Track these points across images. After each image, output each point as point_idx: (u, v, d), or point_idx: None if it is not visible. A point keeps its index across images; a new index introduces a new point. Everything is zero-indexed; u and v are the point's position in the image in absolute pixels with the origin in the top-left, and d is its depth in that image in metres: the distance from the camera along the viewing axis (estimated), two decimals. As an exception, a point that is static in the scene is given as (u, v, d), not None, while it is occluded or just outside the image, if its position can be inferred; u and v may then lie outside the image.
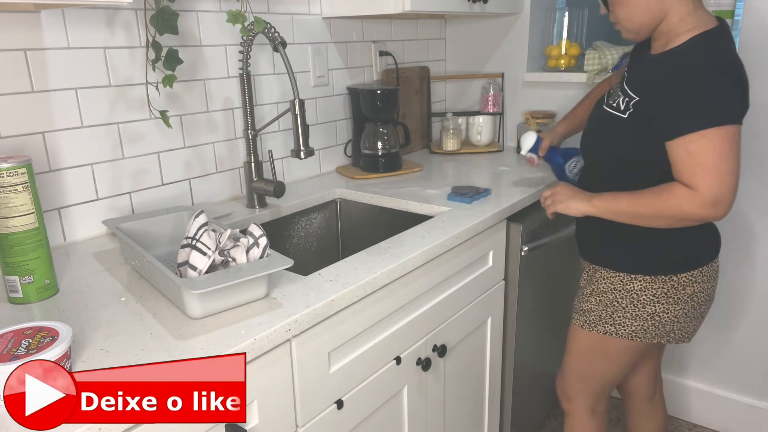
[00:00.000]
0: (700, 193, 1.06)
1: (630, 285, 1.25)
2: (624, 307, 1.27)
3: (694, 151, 1.06)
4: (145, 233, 1.17)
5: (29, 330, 0.78)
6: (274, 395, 0.93)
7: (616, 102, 1.23)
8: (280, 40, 1.26)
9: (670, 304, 1.24)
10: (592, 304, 1.32)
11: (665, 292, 1.23)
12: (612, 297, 1.28)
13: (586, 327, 1.33)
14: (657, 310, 1.24)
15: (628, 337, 1.27)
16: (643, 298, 1.24)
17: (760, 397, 1.99)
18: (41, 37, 1.15)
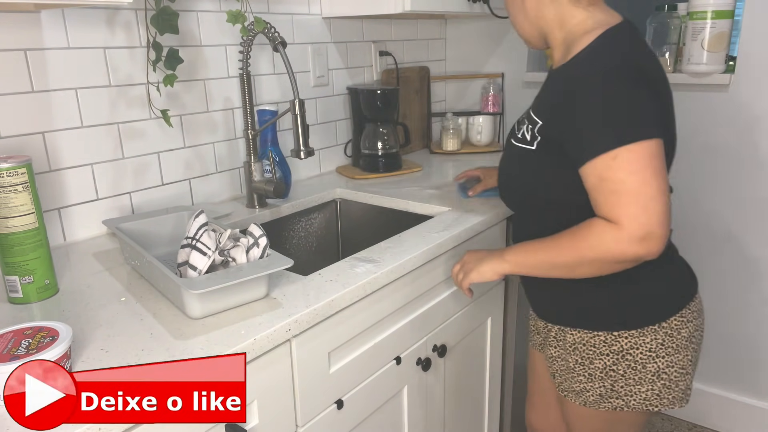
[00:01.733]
0: (624, 226, 0.87)
1: (616, 345, 1.03)
2: (622, 374, 1.04)
3: (607, 178, 0.88)
4: (145, 233, 1.17)
5: (29, 330, 0.78)
6: (274, 395, 0.93)
7: (521, 132, 1.06)
8: (280, 40, 1.26)
9: (671, 356, 1.02)
10: (584, 382, 1.08)
11: (660, 342, 1.02)
12: (602, 365, 1.05)
13: (590, 406, 1.09)
14: (660, 366, 1.02)
15: (643, 407, 1.05)
16: (639, 356, 1.02)
17: (760, 397, 1.99)
18: (41, 37, 1.15)
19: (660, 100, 0.95)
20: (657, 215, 0.86)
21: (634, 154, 0.86)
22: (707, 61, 1.76)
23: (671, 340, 1.02)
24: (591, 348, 1.06)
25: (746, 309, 1.95)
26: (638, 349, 1.03)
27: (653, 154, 0.87)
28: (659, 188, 0.87)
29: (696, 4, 1.74)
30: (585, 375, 1.08)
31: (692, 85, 1.87)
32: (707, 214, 1.95)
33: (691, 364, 1.06)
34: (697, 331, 1.07)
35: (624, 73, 0.91)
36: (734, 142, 1.84)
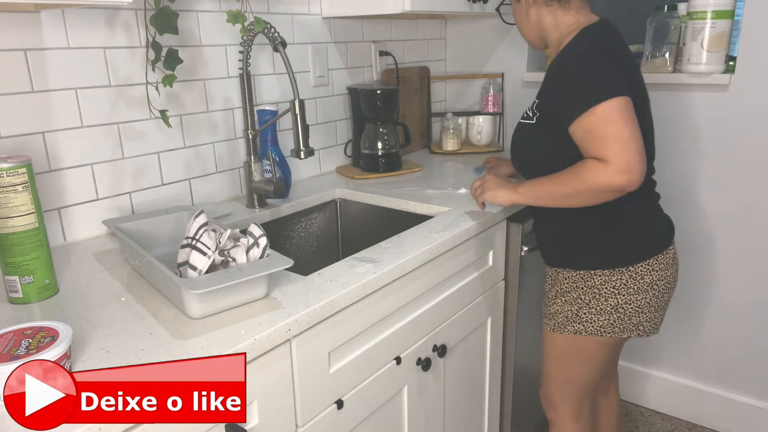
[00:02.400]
0: (610, 162, 1.09)
1: (591, 281, 1.28)
2: (588, 302, 1.28)
3: (590, 129, 1.11)
4: (145, 233, 1.17)
5: (29, 330, 0.78)
6: (274, 395, 0.93)
7: (526, 113, 1.31)
8: (280, 40, 1.26)
9: (631, 295, 1.26)
10: (558, 305, 1.34)
11: (624, 283, 1.26)
12: (575, 295, 1.30)
13: (557, 330, 1.34)
14: (620, 301, 1.26)
15: (597, 333, 1.29)
16: (604, 291, 1.27)
17: (760, 397, 1.99)
18: (41, 37, 1.16)
19: (627, 72, 1.17)
20: (633, 153, 1.08)
21: (608, 108, 1.10)
22: (707, 61, 1.76)
23: (634, 282, 1.26)
24: (572, 282, 1.31)
25: (746, 309, 1.95)
26: (605, 286, 1.27)
27: (622, 108, 1.10)
28: (631, 134, 1.09)
29: (696, 4, 1.74)
30: (561, 301, 1.33)
31: (692, 85, 1.87)
32: (707, 214, 1.95)
33: (648, 305, 1.28)
34: (662, 281, 1.28)
35: (593, 51, 1.17)
36: (734, 142, 1.84)
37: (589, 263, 1.28)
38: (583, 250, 1.29)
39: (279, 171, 1.54)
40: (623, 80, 1.13)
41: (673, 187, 1.99)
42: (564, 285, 1.33)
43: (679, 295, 2.06)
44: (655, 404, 2.21)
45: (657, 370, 2.19)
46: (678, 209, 2.00)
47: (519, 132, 1.34)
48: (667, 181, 1.99)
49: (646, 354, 2.19)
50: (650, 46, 1.91)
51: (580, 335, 1.31)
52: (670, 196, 1.99)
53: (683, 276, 2.04)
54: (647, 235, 1.28)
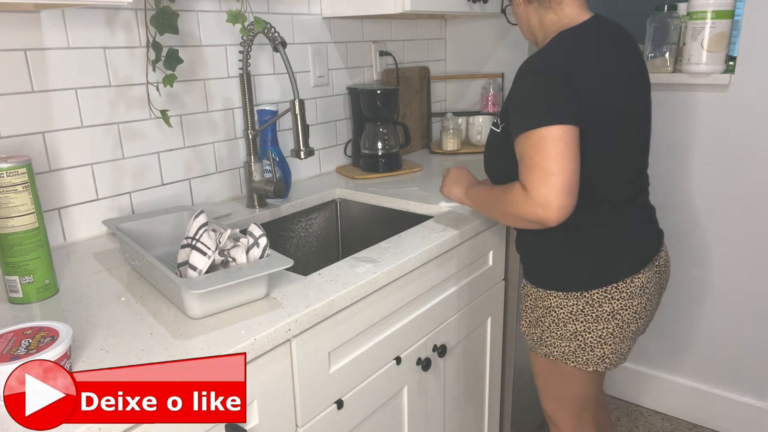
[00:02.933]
0: (529, 193, 1.03)
1: (547, 301, 1.21)
2: (548, 326, 1.23)
3: (521, 153, 1.06)
4: (145, 233, 1.17)
5: (29, 330, 0.78)
6: (274, 395, 0.93)
7: (496, 117, 1.24)
8: (280, 40, 1.26)
9: (590, 323, 1.18)
10: (525, 326, 1.30)
11: (581, 309, 1.18)
12: (536, 315, 1.25)
13: (531, 350, 1.30)
14: (578, 328, 1.19)
15: (563, 360, 1.22)
16: (562, 315, 1.20)
17: (760, 397, 1.99)
18: (41, 37, 1.16)
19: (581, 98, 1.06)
20: (555, 187, 1.01)
21: (541, 136, 1.03)
22: (707, 61, 1.76)
23: (591, 309, 1.17)
24: (532, 300, 1.26)
25: (746, 309, 1.95)
26: (562, 309, 1.20)
27: (559, 137, 1.02)
28: (560, 166, 1.01)
29: (696, 4, 1.74)
30: (527, 320, 1.29)
31: (692, 85, 1.87)
32: (707, 214, 1.95)
33: (612, 336, 1.18)
34: (625, 311, 1.18)
35: (547, 69, 1.09)
36: (734, 142, 1.84)
37: (545, 282, 1.22)
38: (542, 267, 1.24)
39: (279, 171, 1.54)
40: (572, 107, 1.04)
41: (673, 186, 1.99)
42: (527, 302, 1.28)
43: (679, 295, 2.06)
44: (655, 404, 2.21)
45: (657, 370, 2.19)
46: (677, 209, 2.00)
47: (488, 141, 1.28)
48: (666, 181, 1.99)
49: (646, 354, 2.19)
50: (650, 46, 1.91)
51: (547, 358, 1.26)
52: (670, 196, 2.00)
53: (683, 276, 2.04)
54: (607, 262, 1.18)
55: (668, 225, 2.03)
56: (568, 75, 1.06)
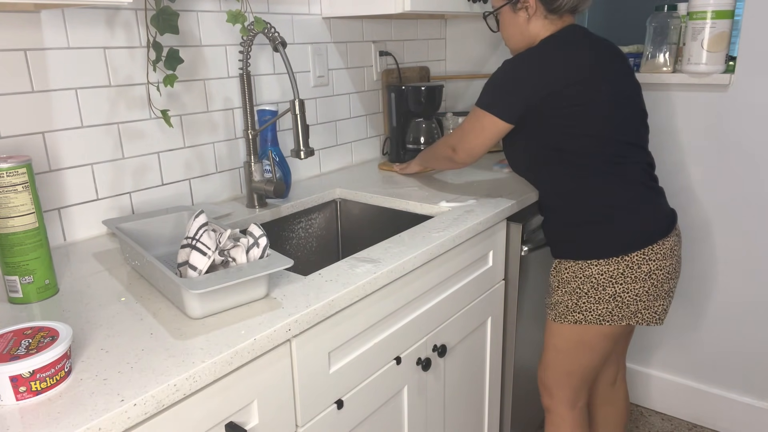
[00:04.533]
0: (449, 137, 1.45)
1: (588, 270, 1.33)
2: (587, 292, 1.34)
3: (468, 117, 1.39)
4: (145, 233, 1.17)
5: (29, 330, 0.78)
6: (274, 395, 0.93)
7: None
8: (280, 40, 1.26)
9: (629, 284, 1.31)
10: (559, 295, 1.39)
11: (621, 272, 1.31)
12: (575, 285, 1.36)
13: (558, 320, 1.40)
14: (617, 290, 1.31)
15: (597, 321, 1.34)
16: (602, 280, 1.32)
17: (760, 397, 1.99)
18: (41, 37, 1.16)
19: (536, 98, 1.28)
20: (464, 143, 1.41)
21: (477, 114, 1.36)
22: (707, 61, 1.76)
23: (630, 271, 1.31)
24: (571, 272, 1.37)
25: (747, 309, 1.95)
26: (603, 275, 1.32)
27: (486, 124, 1.35)
28: (474, 138, 1.38)
29: (696, 4, 1.74)
30: (561, 291, 1.40)
31: (692, 85, 1.87)
32: (707, 214, 1.95)
33: (646, 294, 1.32)
34: (660, 271, 1.32)
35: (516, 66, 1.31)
36: (734, 142, 1.84)
37: (586, 253, 1.33)
38: (581, 241, 1.35)
39: (279, 171, 1.54)
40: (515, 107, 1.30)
41: (673, 186, 1.99)
42: (565, 275, 1.38)
43: (680, 294, 2.06)
44: (655, 404, 2.21)
45: (657, 370, 2.19)
46: (677, 209, 2.00)
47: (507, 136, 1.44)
48: (666, 181, 2.00)
49: (646, 354, 2.19)
50: (650, 46, 1.91)
51: (580, 324, 1.36)
52: (670, 195, 2.00)
53: (683, 276, 2.04)
54: (642, 226, 1.31)
55: (668, 225, 2.03)
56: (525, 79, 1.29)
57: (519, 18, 1.36)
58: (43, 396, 0.72)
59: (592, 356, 1.40)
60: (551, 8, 1.32)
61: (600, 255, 1.32)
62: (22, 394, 0.71)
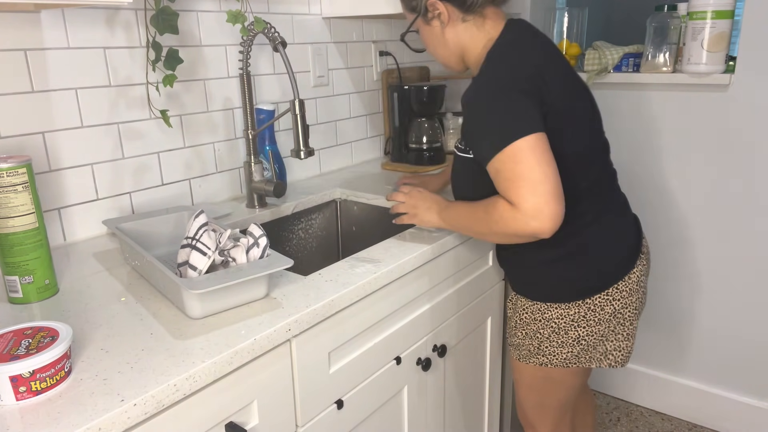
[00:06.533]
0: (519, 207, 1.01)
1: (548, 314, 1.22)
2: (548, 336, 1.23)
3: (498, 169, 1.04)
4: (145, 233, 1.17)
5: (29, 330, 0.78)
6: (274, 395, 0.93)
7: (459, 141, 1.22)
8: (280, 40, 1.26)
9: (592, 327, 1.20)
10: (519, 338, 1.28)
11: (583, 315, 1.19)
12: (535, 328, 1.24)
13: (523, 360, 1.29)
14: (581, 333, 1.20)
15: (563, 365, 1.24)
16: (563, 324, 1.21)
17: (760, 397, 1.99)
18: (41, 37, 1.16)
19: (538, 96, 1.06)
20: (544, 195, 1.00)
21: (517, 148, 1.02)
22: (707, 61, 1.76)
23: (593, 314, 1.19)
24: (529, 313, 1.25)
25: (746, 309, 1.95)
26: (563, 319, 1.21)
27: (532, 146, 1.01)
28: (544, 173, 1.00)
29: (696, 4, 1.74)
30: (522, 333, 1.28)
31: (692, 85, 1.87)
32: (707, 214, 1.95)
33: (613, 333, 1.22)
34: (626, 308, 1.21)
35: (504, 82, 1.07)
36: (734, 142, 1.84)
37: (544, 296, 1.22)
38: (539, 282, 1.23)
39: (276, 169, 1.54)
40: (535, 113, 1.04)
41: (673, 186, 1.99)
42: (523, 315, 1.26)
43: (680, 295, 2.06)
44: (655, 404, 2.21)
45: (657, 370, 2.19)
46: (677, 209, 2.00)
47: (459, 164, 1.23)
48: (666, 181, 2.00)
49: (646, 354, 2.19)
50: (650, 46, 1.91)
51: (545, 366, 1.27)
52: (669, 196, 2.00)
53: (683, 276, 2.04)
54: (605, 265, 1.19)
55: (668, 225, 2.04)
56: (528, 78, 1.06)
57: (435, 29, 1.19)
58: (43, 396, 0.72)
59: (564, 392, 1.32)
60: (465, 8, 1.14)
61: (559, 299, 1.20)
62: (22, 394, 0.71)
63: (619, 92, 2.02)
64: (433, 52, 1.25)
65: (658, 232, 2.05)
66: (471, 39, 1.18)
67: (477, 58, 1.18)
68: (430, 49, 1.25)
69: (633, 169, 2.05)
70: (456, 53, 1.21)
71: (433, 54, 1.26)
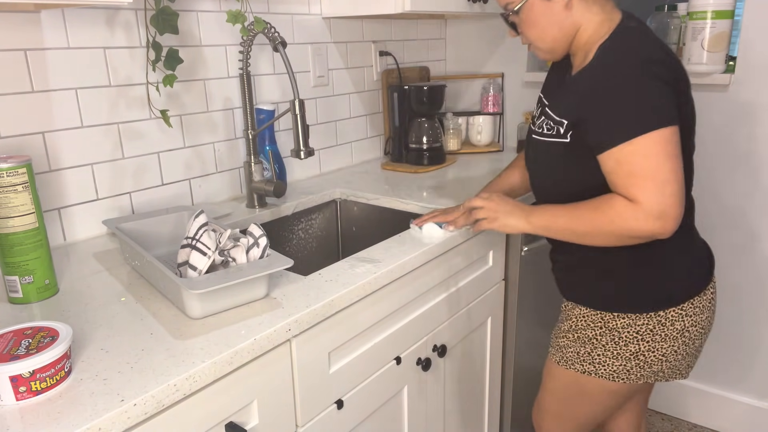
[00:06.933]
0: (642, 205, 0.93)
1: (612, 323, 1.12)
2: (604, 344, 1.12)
3: (623, 161, 0.95)
4: (145, 233, 1.17)
5: (29, 330, 0.78)
6: (274, 395, 0.93)
7: (546, 125, 1.12)
8: (280, 40, 1.26)
9: (657, 342, 1.09)
10: (570, 340, 1.18)
11: (650, 329, 1.09)
12: (591, 334, 1.14)
13: (563, 364, 1.20)
14: (641, 348, 1.10)
15: (609, 377, 1.14)
16: (625, 335, 1.10)
17: (760, 397, 1.99)
18: (41, 37, 1.16)
19: (673, 86, 0.99)
20: (671, 196, 0.93)
21: (651, 140, 0.93)
22: (707, 61, 1.76)
23: (662, 329, 1.09)
24: (589, 321, 1.15)
25: (747, 309, 1.95)
26: (627, 330, 1.10)
27: (667, 140, 0.94)
28: (673, 171, 0.93)
29: (696, 4, 1.74)
30: (573, 336, 1.18)
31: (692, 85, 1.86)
32: (706, 214, 1.95)
33: (674, 353, 1.11)
34: (695, 327, 1.10)
35: (643, 68, 0.97)
36: (734, 142, 1.84)
37: (611, 305, 1.11)
38: (606, 291, 1.12)
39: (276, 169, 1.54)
40: (672, 104, 0.96)
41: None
42: (580, 322, 1.16)
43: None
44: (655, 404, 2.21)
45: (657, 370, 2.19)
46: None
47: (542, 152, 1.13)
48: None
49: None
50: (650, 46, 1.90)
51: (588, 375, 1.16)
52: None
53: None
54: (684, 276, 1.09)
55: (668, 225, 2.03)
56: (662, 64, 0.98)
57: (555, 6, 1.05)
58: (43, 396, 0.72)
59: (593, 408, 1.21)
60: None
61: (629, 309, 1.09)
62: (22, 394, 0.71)
63: (619, 92, 2.02)
64: (539, 36, 1.10)
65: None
66: (592, 19, 1.06)
67: (588, 42, 1.06)
68: (537, 31, 1.09)
69: (633, 169, 2.05)
70: (569, 35, 1.08)
71: (538, 38, 1.10)
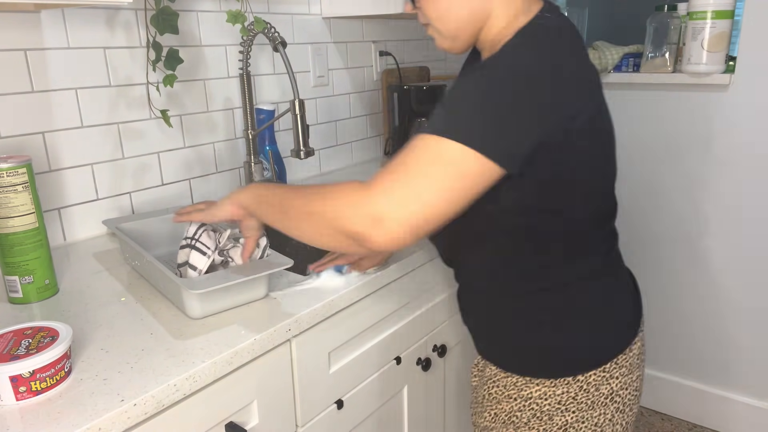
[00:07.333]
0: (370, 191, 0.72)
1: (525, 391, 0.92)
2: (526, 422, 0.93)
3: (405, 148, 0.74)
4: (145, 233, 1.17)
5: (29, 330, 0.78)
6: (274, 395, 0.93)
7: None
8: (280, 40, 1.26)
9: (584, 411, 0.90)
10: (488, 420, 0.98)
11: (573, 396, 0.90)
12: (509, 408, 0.95)
13: None
14: (568, 420, 0.91)
15: None
16: (546, 408, 0.91)
17: (760, 397, 1.99)
18: (41, 37, 1.16)
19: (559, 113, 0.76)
20: (410, 213, 0.70)
21: (442, 146, 0.71)
22: (707, 61, 1.76)
23: (586, 395, 0.90)
24: (502, 388, 0.96)
25: (746, 309, 1.95)
26: (547, 400, 0.91)
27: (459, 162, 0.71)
28: (439, 197, 0.70)
29: (696, 4, 1.74)
30: (491, 413, 0.98)
31: (692, 85, 1.87)
32: (706, 214, 1.95)
33: (609, 423, 0.92)
34: (625, 389, 0.92)
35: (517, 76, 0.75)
36: (734, 143, 1.84)
37: (521, 367, 0.93)
38: (515, 348, 0.94)
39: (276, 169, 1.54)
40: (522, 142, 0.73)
41: (672, 187, 1.99)
42: (493, 388, 0.97)
43: (680, 295, 2.06)
44: (655, 404, 2.21)
45: (657, 370, 2.19)
46: (676, 209, 2.00)
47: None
48: (665, 181, 1.99)
49: (647, 354, 2.19)
50: (650, 46, 1.91)
51: None
52: (669, 196, 2.00)
53: (683, 277, 2.04)
54: (606, 331, 0.91)
55: (667, 226, 2.03)
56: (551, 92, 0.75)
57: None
58: (43, 396, 0.72)
59: None
60: None
61: (541, 373, 0.91)
62: (22, 394, 0.71)
63: (619, 92, 2.02)
64: (444, 13, 0.87)
65: (655, 231, 2.05)
66: (508, 9, 0.84)
67: (499, 36, 0.85)
68: (440, 9, 0.87)
69: (632, 169, 2.05)
70: (478, 21, 0.86)
71: (440, 17, 0.88)
